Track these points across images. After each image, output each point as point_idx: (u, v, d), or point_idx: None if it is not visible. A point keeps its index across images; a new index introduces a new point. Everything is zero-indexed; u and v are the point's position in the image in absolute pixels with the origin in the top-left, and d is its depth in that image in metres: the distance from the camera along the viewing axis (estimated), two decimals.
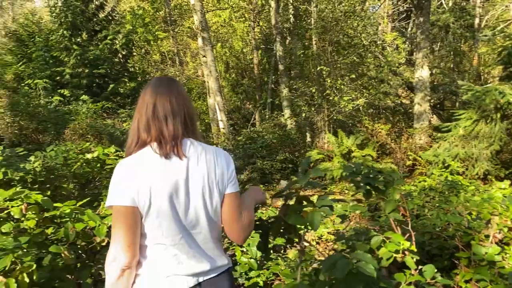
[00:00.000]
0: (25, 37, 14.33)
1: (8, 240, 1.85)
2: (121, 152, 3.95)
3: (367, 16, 10.52)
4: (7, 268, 1.84)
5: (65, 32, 13.22)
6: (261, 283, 2.95)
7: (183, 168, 1.40)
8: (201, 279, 1.43)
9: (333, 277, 1.57)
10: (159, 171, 1.37)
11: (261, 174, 8.68)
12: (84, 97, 11.95)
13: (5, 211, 2.22)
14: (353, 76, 10.36)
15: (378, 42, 11.05)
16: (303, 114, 10.58)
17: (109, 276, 1.34)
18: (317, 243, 4.13)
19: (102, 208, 2.41)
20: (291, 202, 1.79)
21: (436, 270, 1.79)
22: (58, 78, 13.39)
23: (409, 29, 16.10)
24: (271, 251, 3.24)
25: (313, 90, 10.26)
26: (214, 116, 12.64)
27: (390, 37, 12.59)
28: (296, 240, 3.97)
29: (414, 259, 1.73)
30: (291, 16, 12.02)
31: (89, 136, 9.29)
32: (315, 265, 2.49)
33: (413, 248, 1.75)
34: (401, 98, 13.60)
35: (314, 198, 1.76)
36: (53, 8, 13.59)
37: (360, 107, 10.37)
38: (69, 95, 12.79)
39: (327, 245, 4.17)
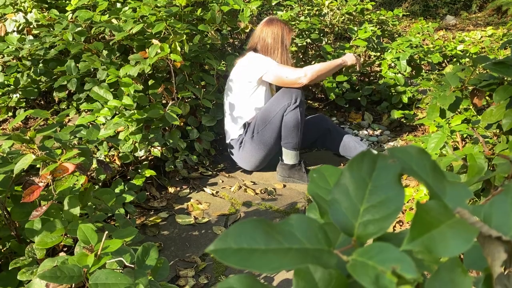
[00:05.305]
0: None
1: (162, 9, 1.96)
2: None
3: None
4: (162, 36, 2.01)
5: None
6: (405, 100, 2.74)
7: None
8: None
9: None
10: None
11: (424, 6, 7.53)
12: None
13: None
14: None
15: None
16: None
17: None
18: None
19: None
20: None
21: None
22: None
23: None
24: (422, 69, 2.91)
25: None
26: None
27: None
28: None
29: None
30: None
31: None
32: None
33: None
34: None
35: None
36: None
37: None
38: None
39: None
